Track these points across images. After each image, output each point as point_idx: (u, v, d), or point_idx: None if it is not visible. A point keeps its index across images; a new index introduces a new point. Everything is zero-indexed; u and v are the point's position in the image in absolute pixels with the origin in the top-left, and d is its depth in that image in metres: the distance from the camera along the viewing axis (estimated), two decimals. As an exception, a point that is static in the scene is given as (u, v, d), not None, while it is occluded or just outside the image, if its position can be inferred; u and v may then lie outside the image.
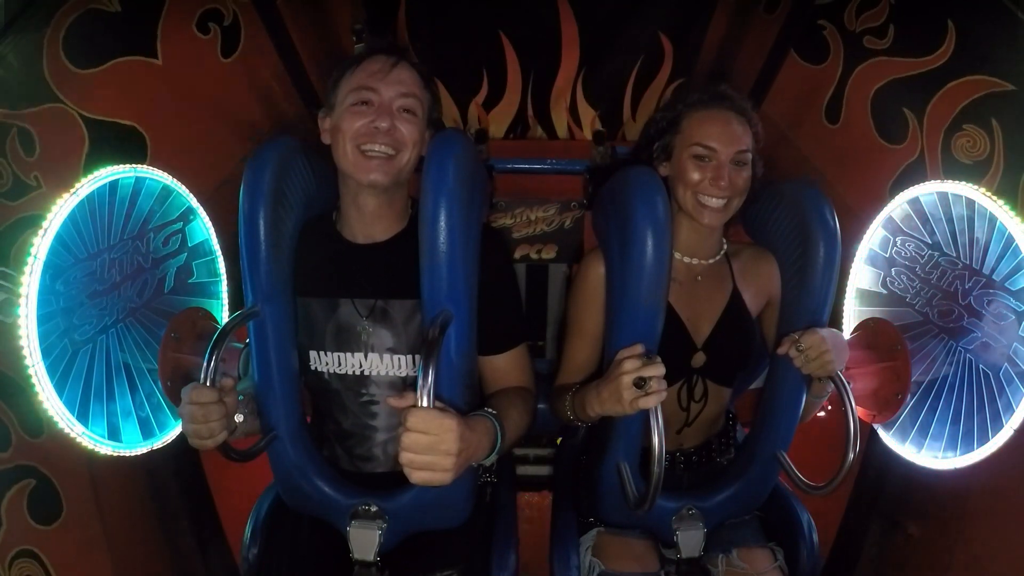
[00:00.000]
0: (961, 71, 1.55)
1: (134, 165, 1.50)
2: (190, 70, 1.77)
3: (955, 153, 1.57)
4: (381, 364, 1.42)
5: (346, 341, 1.42)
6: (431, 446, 1.04)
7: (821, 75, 1.93)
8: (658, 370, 1.17)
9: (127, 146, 1.60)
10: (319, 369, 1.44)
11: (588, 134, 2.38)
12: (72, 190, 1.34)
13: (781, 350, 1.39)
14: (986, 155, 1.49)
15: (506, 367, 1.44)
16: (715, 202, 1.42)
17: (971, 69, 1.52)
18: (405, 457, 1.04)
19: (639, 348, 1.23)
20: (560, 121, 2.38)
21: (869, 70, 1.79)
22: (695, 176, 1.42)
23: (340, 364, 1.43)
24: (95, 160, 1.48)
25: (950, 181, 1.47)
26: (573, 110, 2.36)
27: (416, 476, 1.05)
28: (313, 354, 1.43)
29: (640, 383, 1.17)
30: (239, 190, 1.30)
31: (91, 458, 1.49)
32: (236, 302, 1.74)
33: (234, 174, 1.86)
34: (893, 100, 1.73)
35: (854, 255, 1.70)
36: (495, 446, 1.22)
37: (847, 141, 1.90)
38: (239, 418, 1.27)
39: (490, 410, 1.25)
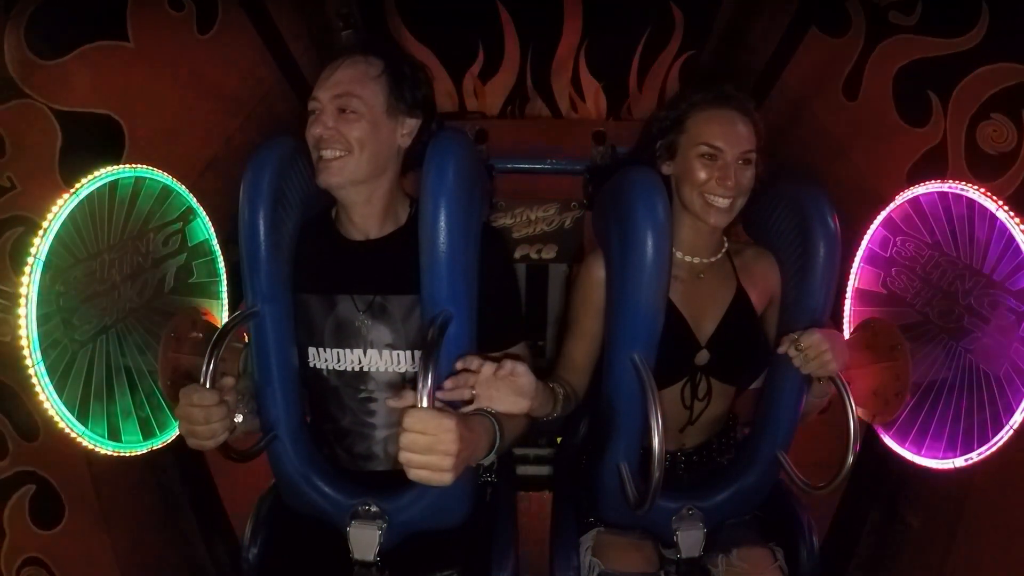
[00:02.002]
0: (992, 57, 1.48)
1: (133, 165, 1.50)
2: (165, 50, 1.70)
3: (980, 142, 1.52)
4: (380, 360, 1.42)
5: (345, 337, 1.42)
6: (430, 446, 1.03)
7: (840, 48, 1.84)
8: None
9: (103, 136, 1.55)
10: (318, 366, 1.44)
11: (591, 107, 2.29)
12: (73, 190, 1.34)
13: (780, 349, 1.39)
14: (1012, 147, 1.44)
15: None
16: (722, 202, 1.42)
17: (1003, 55, 1.46)
18: (404, 457, 1.04)
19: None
20: (562, 93, 2.29)
21: (893, 47, 1.72)
22: (702, 175, 1.42)
23: (339, 360, 1.43)
24: (70, 154, 1.44)
25: (951, 181, 1.46)
26: (576, 82, 2.27)
27: (415, 476, 1.05)
28: (312, 351, 1.43)
29: None
30: (235, 185, 1.29)
31: (91, 458, 1.48)
32: (236, 302, 1.74)
33: (219, 155, 1.83)
34: (917, 81, 1.66)
35: (854, 255, 1.70)
36: (494, 446, 1.22)
37: (865, 119, 1.84)
38: (239, 418, 1.28)
39: (488, 409, 1.25)
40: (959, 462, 1.42)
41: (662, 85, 2.26)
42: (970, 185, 1.41)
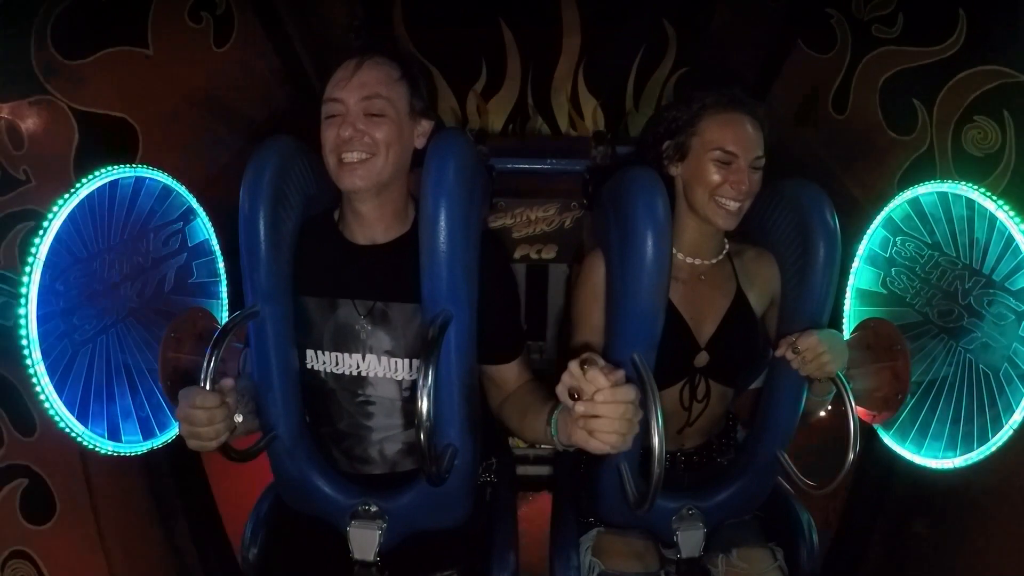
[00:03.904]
0: (972, 61, 1.52)
1: (134, 164, 1.50)
2: (182, 61, 1.73)
3: (965, 145, 1.54)
4: (379, 366, 1.42)
5: (344, 341, 1.41)
6: (624, 414, 0.99)
7: (828, 64, 1.89)
8: (591, 384, 0.97)
9: (118, 139, 1.57)
10: (316, 368, 1.44)
11: (590, 124, 2.33)
12: (72, 190, 1.34)
13: (778, 352, 1.39)
14: (997, 147, 1.47)
15: (515, 373, 1.46)
16: (733, 204, 1.42)
17: (982, 59, 1.49)
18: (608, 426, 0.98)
19: (587, 356, 1.02)
20: (561, 111, 2.34)
21: (877, 60, 1.76)
22: (715, 179, 1.42)
23: (338, 364, 1.43)
24: (85, 153, 1.45)
25: (950, 181, 1.47)
26: (574, 100, 2.32)
27: (608, 444, 1.00)
28: (310, 352, 1.43)
29: (573, 396, 0.99)
30: (235, 185, 1.29)
31: (86, 458, 1.48)
32: (236, 302, 1.74)
33: (228, 166, 1.84)
34: (902, 90, 1.70)
35: (854, 255, 1.70)
36: None
37: (854, 132, 1.87)
38: (239, 418, 1.27)
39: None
40: (959, 462, 1.42)
41: (657, 101, 2.32)
42: (970, 185, 1.41)
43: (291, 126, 2.05)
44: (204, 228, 1.73)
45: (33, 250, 1.27)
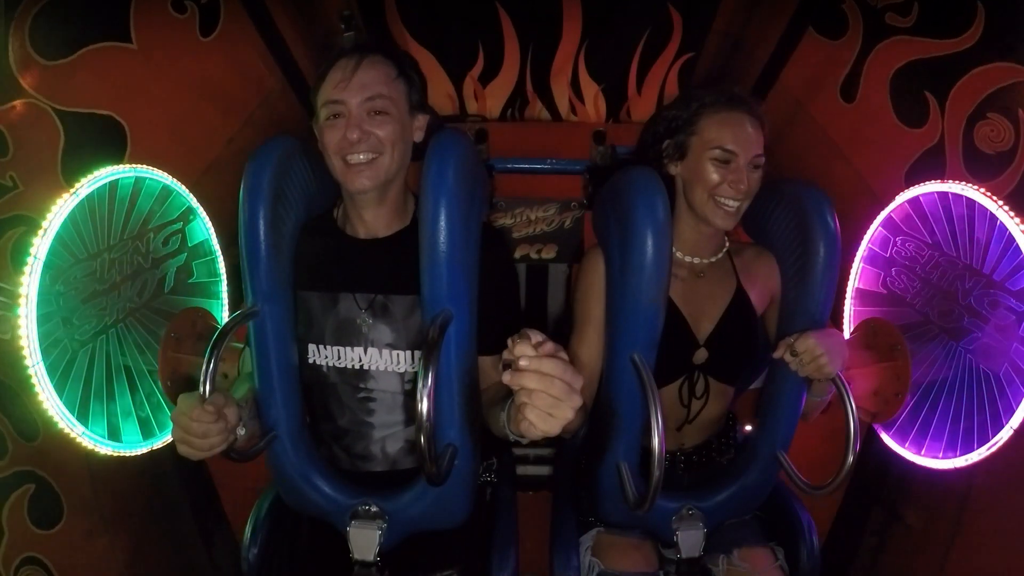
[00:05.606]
0: (988, 57, 1.49)
1: (133, 165, 1.50)
2: (167, 52, 1.71)
3: (977, 142, 1.52)
4: (380, 359, 1.42)
5: (346, 335, 1.41)
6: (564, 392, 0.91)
7: (838, 51, 1.86)
8: (518, 354, 0.93)
9: (105, 137, 1.56)
10: (318, 362, 1.44)
11: (591, 110, 2.31)
12: (72, 190, 1.34)
13: (776, 354, 1.39)
14: (1010, 146, 1.45)
15: (492, 367, 1.44)
16: (732, 203, 1.42)
17: (999, 55, 1.47)
18: (540, 401, 0.91)
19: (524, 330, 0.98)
20: (561, 96, 2.31)
21: (889, 49, 1.73)
22: (715, 178, 1.42)
23: (340, 357, 1.43)
24: (73, 154, 1.45)
25: (951, 181, 1.47)
26: (575, 85, 2.28)
27: (550, 425, 0.92)
28: (312, 347, 1.43)
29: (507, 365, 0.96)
30: (235, 184, 1.29)
31: (90, 458, 1.48)
32: (236, 302, 1.74)
33: (220, 157, 1.84)
34: (914, 82, 1.67)
35: (854, 255, 1.70)
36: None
37: (863, 121, 1.85)
38: (241, 431, 1.24)
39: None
40: (959, 462, 1.42)
41: (661, 88, 2.27)
42: (970, 185, 1.41)
43: (282, 111, 2.05)
44: (204, 228, 1.73)
45: (33, 250, 1.27)
